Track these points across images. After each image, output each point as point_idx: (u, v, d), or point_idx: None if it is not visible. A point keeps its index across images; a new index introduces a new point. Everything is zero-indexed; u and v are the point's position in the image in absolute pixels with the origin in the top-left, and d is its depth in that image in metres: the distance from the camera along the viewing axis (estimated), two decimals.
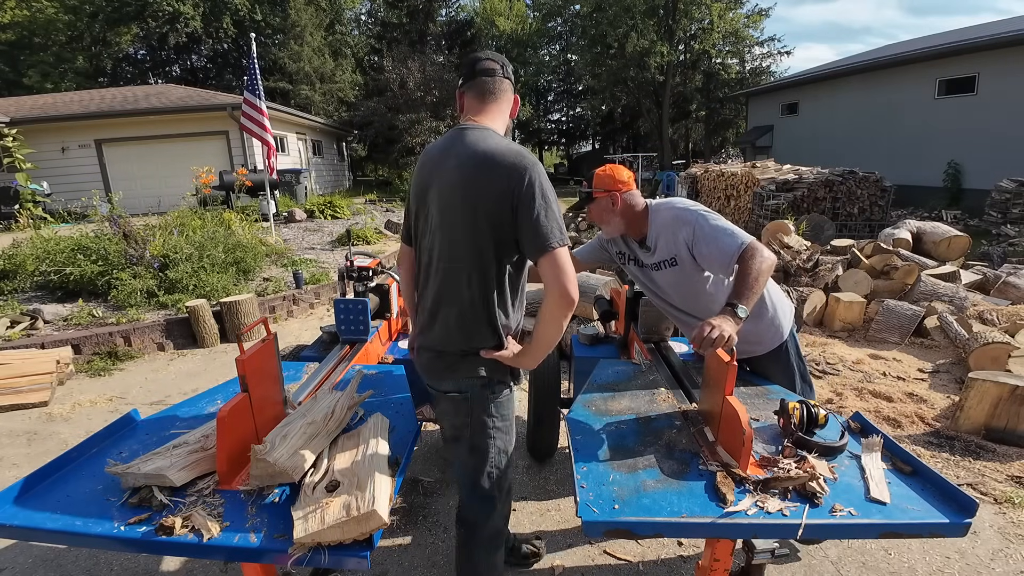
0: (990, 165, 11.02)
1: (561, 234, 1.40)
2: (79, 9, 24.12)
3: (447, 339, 1.51)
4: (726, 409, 1.43)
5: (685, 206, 1.94)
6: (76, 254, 5.59)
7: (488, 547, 1.68)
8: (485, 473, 1.60)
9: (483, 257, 1.44)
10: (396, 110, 22.19)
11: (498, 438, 1.60)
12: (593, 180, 1.98)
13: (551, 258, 1.37)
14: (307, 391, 1.96)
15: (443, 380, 1.55)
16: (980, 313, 4.36)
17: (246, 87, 7.82)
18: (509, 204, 1.39)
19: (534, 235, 1.38)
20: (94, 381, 4.29)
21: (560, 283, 1.37)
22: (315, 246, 8.44)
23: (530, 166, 1.40)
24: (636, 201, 1.99)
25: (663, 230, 1.93)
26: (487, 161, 1.41)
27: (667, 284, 2.01)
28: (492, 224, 1.41)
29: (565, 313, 1.40)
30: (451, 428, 1.60)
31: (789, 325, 2.04)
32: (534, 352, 1.50)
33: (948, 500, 1.29)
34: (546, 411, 2.71)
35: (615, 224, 2.00)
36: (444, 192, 1.46)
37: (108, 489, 1.38)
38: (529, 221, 1.38)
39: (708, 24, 24.87)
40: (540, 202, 1.39)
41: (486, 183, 1.40)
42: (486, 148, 1.42)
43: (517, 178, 1.39)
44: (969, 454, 2.84)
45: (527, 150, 1.47)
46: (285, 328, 5.43)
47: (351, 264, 2.83)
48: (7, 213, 10.08)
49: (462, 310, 1.48)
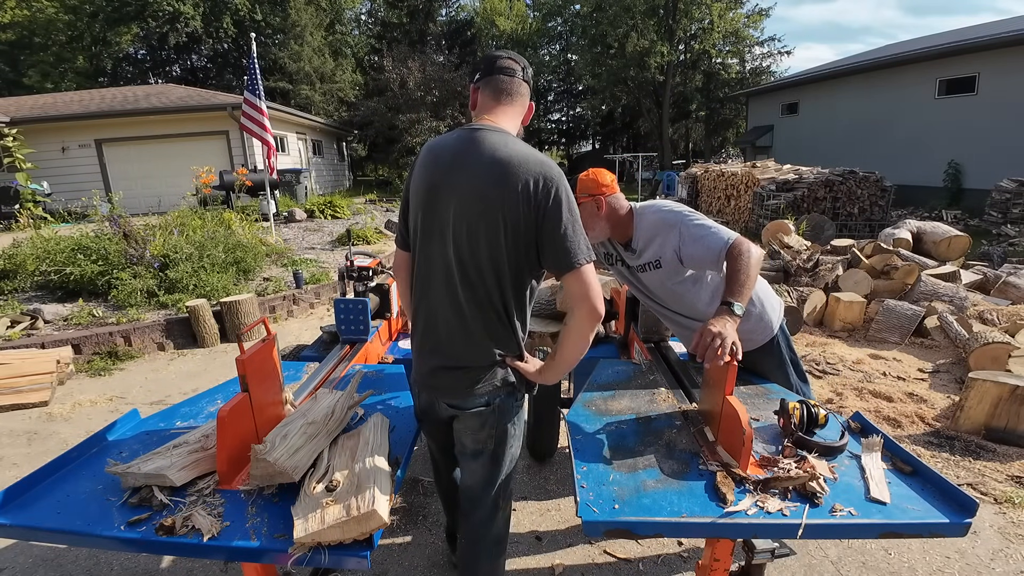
0: (990, 165, 11.02)
1: (588, 250, 1.37)
2: (79, 9, 24.11)
3: (472, 353, 1.45)
4: (726, 409, 1.43)
5: (669, 208, 1.94)
6: (76, 254, 5.58)
7: (492, 552, 1.67)
8: (498, 483, 1.58)
9: (507, 269, 1.39)
10: (396, 110, 22.21)
11: (514, 446, 1.58)
12: (577, 186, 1.93)
13: (578, 275, 1.34)
14: (307, 391, 1.96)
15: (469, 396, 1.48)
16: (980, 313, 4.36)
17: (246, 87, 7.81)
18: (535, 218, 1.35)
19: (561, 251, 1.34)
20: (94, 381, 4.29)
21: (589, 300, 1.35)
22: (315, 246, 8.44)
23: (556, 177, 1.36)
24: (620, 204, 1.97)
25: (647, 232, 1.94)
26: (511, 169, 1.33)
27: (653, 285, 2.02)
28: (516, 236, 1.36)
29: (593, 327, 1.39)
30: (474, 443, 1.54)
31: (778, 319, 2.04)
32: (558, 367, 1.48)
33: (948, 500, 1.29)
34: (546, 411, 2.71)
35: (601, 228, 1.98)
36: (464, 200, 1.37)
37: (108, 489, 1.38)
38: (556, 236, 1.34)
39: (708, 24, 24.85)
40: (567, 216, 1.35)
41: (511, 193, 1.33)
42: (508, 154, 1.35)
43: (544, 191, 1.33)
44: (969, 454, 2.84)
45: (551, 159, 1.42)
46: (285, 328, 5.43)
47: (351, 264, 2.83)
48: (7, 213, 10.08)
49: (487, 323, 1.43)
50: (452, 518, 2.04)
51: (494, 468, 1.56)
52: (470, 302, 1.41)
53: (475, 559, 1.66)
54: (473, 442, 1.54)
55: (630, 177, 24.36)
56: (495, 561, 1.68)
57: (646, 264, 1.97)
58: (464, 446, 1.57)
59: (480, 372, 1.45)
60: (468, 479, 1.61)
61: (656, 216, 1.93)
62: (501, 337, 1.45)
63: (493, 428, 1.50)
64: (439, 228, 1.42)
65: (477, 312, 1.41)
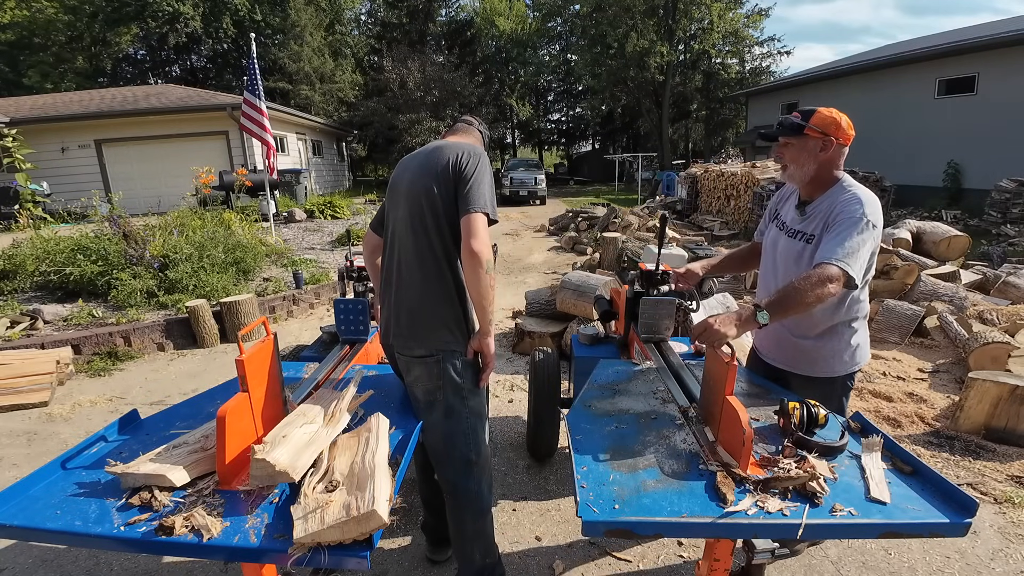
0: (990, 165, 11.02)
1: (487, 205, 1.64)
2: (79, 9, 24.11)
3: (424, 298, 1.68)
4: (726, 409, 1.43)
5: (867, 201, 1.70)
6: (76, 254, 5.58)
7: (474, 511, 1.75)
8: (459, 436, 1.71)
9: (444, 221, 1.68)
10: (396, 110, 22.22)
11: (471, 400, 1.72)
12: (813, 116, 1.73)
13: (468, 219, 1.60)
14: (307, 391, 1.96)
15: (417, 343, 1.70)
16: (980, 313, 4.36)
17: (246, 87, 7.81)
18: (455, 178, 1.67)
19: (463, 199, 1.64)
20: (94, 381, 4.29)
21: (469, 243, 1.58)
22: (315, 246, 8.45)
23: (474, 154, 1.71)
24: (839, 163, 1.78)
25: (833, 204, 1.73)
26: (444, 151, 1.71)
27: (788, 255, 1.85)
28: (448, 195, 1.68)
29: (475, 267, 1.58)
30: (424, 394, 1.72)
31: (859, 365, 1.89)
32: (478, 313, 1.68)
33: (948, 500, 1.28)
34: (546, 411, 2.71)
35: (807, 171, 1.76)
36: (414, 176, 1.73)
37: (108, 489, 1.38)
38: (463, 189, 1.65)
39: (708, 24, 24.87)
40: (475, 178, 1.66)
41: (443, 164, 1.68)
42: (444, 143, 1.77)
43: (464, 160, 1.68)
44: (969, 454, 2.84)
45: (475, 146, 1.79)
46: (285, 328, 5.43)
47: (351, 264, 2.83)
48: (7, 213, 10.07)
49: (431, 270, 1.67)
50: (427, 507, 2.14)
51: (451, 420, 1.70)
52: (420, 249, 1.68)
53: (460, 519, 1.76)
54: (424, 393, 1.71)
55: (630, 177, 24.40)
56: (480, 521, 1.77)
57: (802, 233, 1.80)
58: (417, 400, 1.75)
59: (429, 318, 1.68)
60: (429, 436, 1.74)
61: (851, 200, 1.70)
62: (444, 281, 1.69)
63: (439, 378, 1.68)
64: (400, 201, 1.76)
65: (426, 258, 1.68)
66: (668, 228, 6.78)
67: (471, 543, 1.77)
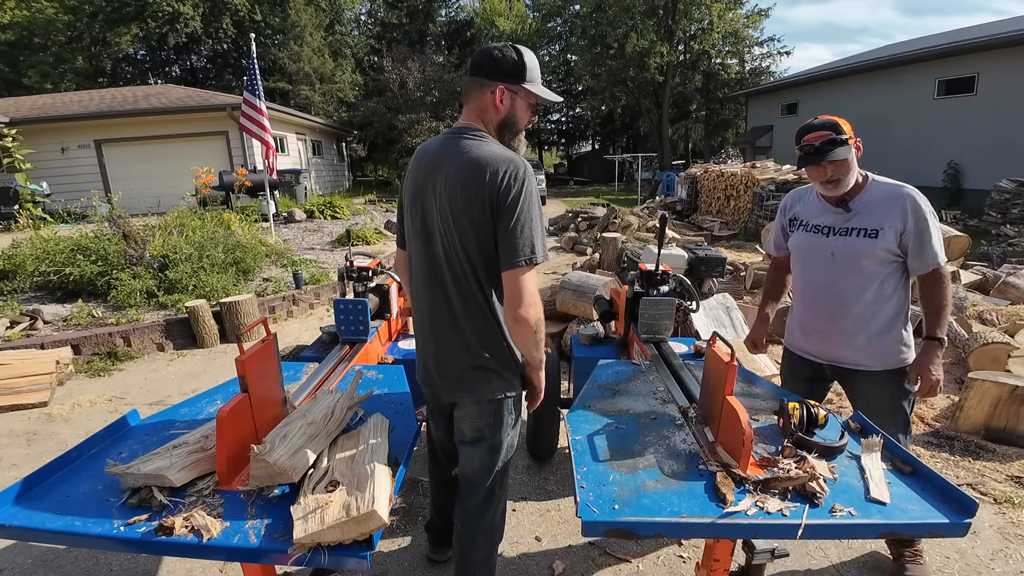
0: (989, 165, 11.03)
1: (535, 251, 1.40)
2: (79, 9, 24.09)
3: (464, 352, 1.54)
4: (726, 409, 1.43)
5: (915, 191, 1.82)
6: (76, 254, 5.58)
7: (486, 540, 1.71)
8: (495, 471, 1.65)
9: (481, 262, 1.46)
10: (396, 110, 22.22)
11: (511, 436, 1.67)
12: (838, 127, 1.81)
13: (511, 276, 1.40)
14: (307, 391, 1.96)
15: (466, 390, 1.59)
16: (980, 313, 4.36)
17: (246, 87, 7.81)
18: (493, 212, 1.40)
19: (505, 247, 1.40)
20: (94, 381, 4.29)
21: (512, 305, 1.41)
22: (315, 246, 8.44)
23: (520, 175, 1.40)
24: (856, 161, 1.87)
25: (880, 196, 1.83)
26: (479, 169, 1.40)
27: (844, 253, 1.87)
28: (485, 230, 1.43)
29: (523, 328, 1.43)
30: (472, 431, 1.63)
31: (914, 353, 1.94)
32: (529, 366, 1.59)
33: (948, 500, 1.29)
34: (546, 411, 2.71)
35: (853, 175, 1.84)
36: (443, 200, 1.45)
37: (108, 489, 1.38)
38: (506, 231, 1.39)
39: (708, 24, 24.88)
40: (522, 214, 1.39)
41: (478, 190, 1.40)
42: (478, 156, 1.42)
43: (505, 188, 1.38)
44: (969, 454, 2.84)
45: (519, 158, 1.46)
46: (285, 328, 5.43)
47: (351, 264, 2.83)
48: (7, 213, 10.07)
49: (472, 315, 1.51)
50: (437, 512, 2.08)
51: (491, 456, 1.64)
52: (457, 296, 1.50)
53: (470, 545, 1.71)
54: (472, 430, 1.63)
55: (629, 177, 24.40)
56: (488, 550, 1.73)
57: (861, 229, 1.84)
58: (463, 434, 1.66)
59: (474, 371, 1.55)
60: (467, 467, 1.69)
61: (904, 191, 1.82)
62: (484, 330, 1.52)
63: (491, 417, 1.60)
64: (426, 228, 1.52)
65: (463, 305, 1.50)
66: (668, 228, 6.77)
67: (475, 569, 1.72)
